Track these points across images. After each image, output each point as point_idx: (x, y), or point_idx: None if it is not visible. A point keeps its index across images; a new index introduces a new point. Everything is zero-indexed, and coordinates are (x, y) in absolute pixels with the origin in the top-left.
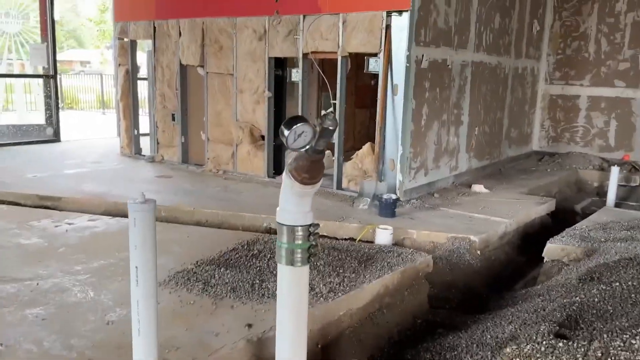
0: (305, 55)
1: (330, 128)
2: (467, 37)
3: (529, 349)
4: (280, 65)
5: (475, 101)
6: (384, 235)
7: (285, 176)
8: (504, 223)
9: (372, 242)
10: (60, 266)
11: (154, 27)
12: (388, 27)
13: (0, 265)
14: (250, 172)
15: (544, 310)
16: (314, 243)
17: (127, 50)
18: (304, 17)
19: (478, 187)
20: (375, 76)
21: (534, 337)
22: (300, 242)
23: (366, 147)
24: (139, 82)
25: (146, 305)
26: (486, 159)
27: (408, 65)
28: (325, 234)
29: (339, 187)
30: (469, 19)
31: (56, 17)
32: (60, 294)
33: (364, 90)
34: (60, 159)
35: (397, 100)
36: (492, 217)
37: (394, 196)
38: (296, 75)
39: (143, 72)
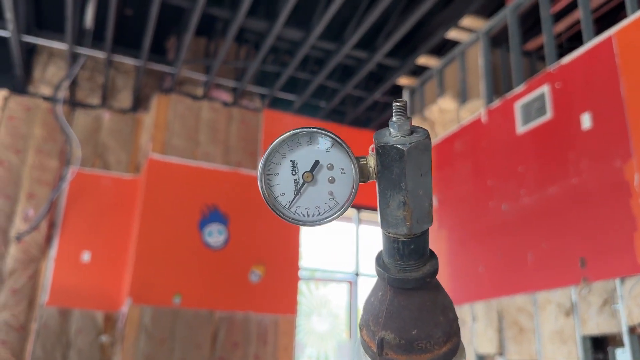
0: (632, 329)
1: (400, 147)
2: None
3: None
4: (600, 346)
5: None
6: None
7: (356, 356)
8: None
9: None
10: None
11: None
12: None
13: None
14: None
15: None
16: None
17: None
18: (622, 280)
19: None
20: None
21: None
22: None
23: None
24: None
25: None
26: None
27: None
28: None
29: None
30: None
31: None
32: None
33: None
34: None
35: None
36: None
37: None
38: (622, 357)
39: None
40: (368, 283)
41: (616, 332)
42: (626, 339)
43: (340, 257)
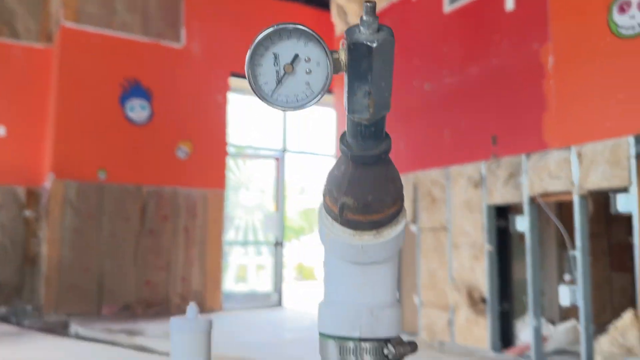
0: (532, 199)
1: (369, 44)
2: None
3: None
4: (503, 215)
5: None
6: None
7: (318, 218)
8: None
9: None
10: None
11: None
12: (639, 155)
13: None
14: (470, 343)
15: None
16: None
17: None
18: (528, 156)
19: None
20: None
21: None
22: None
23: (628, 316)
24: None
25: None
26: None
27: None
28: None
29: None
30: None
31: (311, 206)
32: None
33: (621, 250)
34: (274, 324)
35: None
36: None
37: None
38: (522, 224)
39: None
40: (294, 159)
41: (518, 201)
42: (526, 207)
43: (268, 134)
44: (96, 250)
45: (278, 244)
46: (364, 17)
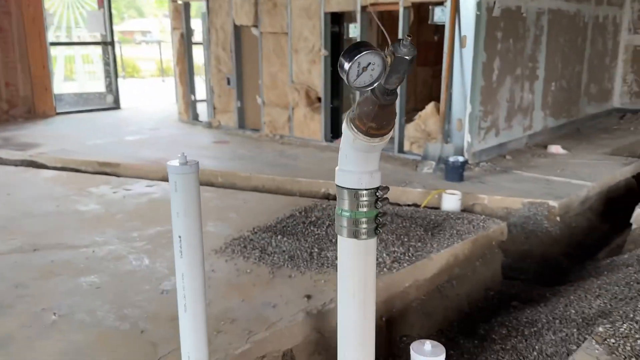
0: (364, 8)
1: (407, 58)
2: None
3: (626, 328)
4: (337, 22)
5: (552, 53)
6: (451, 201)
7: (345, 127)
8: (585, 186)
9: (438, 208)
10: (117, 233)
11: None
12: None
13: (57, 232)
14: (306, 136)
15: (639, 283)
16: (382, 211)
17: (181, 13)
18: None
19: (555, 148)
20: (439, 30)
21: (631, 315)
22: (365, 209)
23: (430, 107)
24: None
25: (192, 279)
26: (563, 117)
27: (478, 13)
28: None
29: (401, 150)
30: None
31: None
32: (115, 261)
33: (426, 47)
34: (120, 126)
35: (465, 53)
36: (572, 180)
37: (461, 159)
38: (354, 31)
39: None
40: None
41: (352, 10)
42: (359, 16)
43: None
44: None
45: (107, 44)
46: (404, 42)
